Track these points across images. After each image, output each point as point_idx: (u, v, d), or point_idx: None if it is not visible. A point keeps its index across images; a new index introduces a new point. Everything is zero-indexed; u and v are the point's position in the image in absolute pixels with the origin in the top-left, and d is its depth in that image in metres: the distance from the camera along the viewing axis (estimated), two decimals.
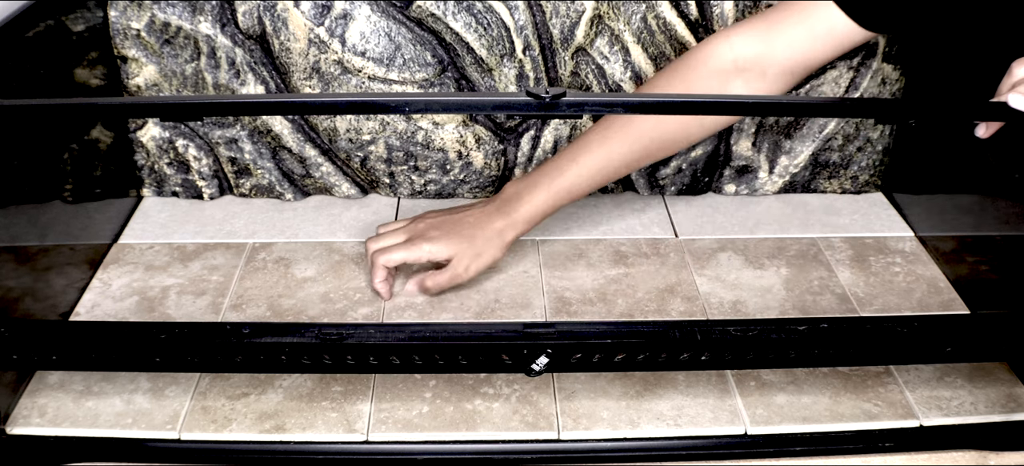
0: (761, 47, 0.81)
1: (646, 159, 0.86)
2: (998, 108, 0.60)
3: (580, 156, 0.84)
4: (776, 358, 0.69)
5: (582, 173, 0.84)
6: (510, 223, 0.83)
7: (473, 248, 0.82)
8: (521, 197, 0.84)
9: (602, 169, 0.84)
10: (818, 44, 0.79)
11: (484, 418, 0.71)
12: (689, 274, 0.90)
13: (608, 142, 0.83)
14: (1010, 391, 0.75)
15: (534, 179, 0.85)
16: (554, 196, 0.84)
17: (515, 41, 0.93)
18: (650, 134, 0.83)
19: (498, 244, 0.83)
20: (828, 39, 0.79)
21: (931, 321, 0.74)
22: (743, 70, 0.82)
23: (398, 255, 0.82)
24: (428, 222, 0.85)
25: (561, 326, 0.65)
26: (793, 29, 0.80)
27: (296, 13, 0.91)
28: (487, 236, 0.83)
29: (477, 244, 0.82)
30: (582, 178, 0.84)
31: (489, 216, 0.84)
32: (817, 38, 0.79)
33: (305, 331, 0.64)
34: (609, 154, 0.83)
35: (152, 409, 0.72)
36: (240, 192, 1.02)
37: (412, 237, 0.83)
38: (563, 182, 0.84)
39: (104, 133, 0.92)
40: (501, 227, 0.83)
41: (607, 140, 0.83)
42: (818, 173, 1.05)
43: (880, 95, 0.99)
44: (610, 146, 0.83)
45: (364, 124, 0.96)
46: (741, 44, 0.82)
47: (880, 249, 0.95)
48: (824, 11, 0.78)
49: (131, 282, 0.87)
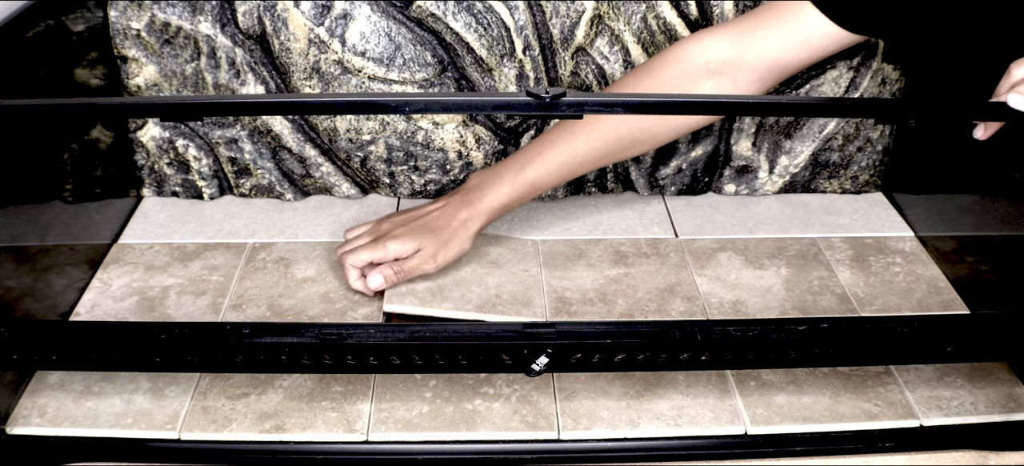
0: (733, 50, 0.81)
1: (611, 157, 0.86)
2: (998, 108, 0.60)
3: (545, 150, 0.85)
4: (776, 358, 0.69)
5: (546, 167, 0.84)
6: (474, 213, 0.84)
7: (438, 240, 0.83)
8: (484, 187, 0.85)
9: (566, 163, 0.84)
10: (793, 49, 0.79)
11: (484, 418, 0.71)
12: (689, 274, 0.90)
13: (573, 138, 0.84)
14: (1010, 391, 0.75)
15: (498, 170, 0.86)
16: (518, 188, 0.85)
17: (515, 41, 0.93)
18: (616, 132, 0.84)
19: (463, 235, 0.84)
20: (804, 44, 0.79)
21: (931, 321, 0.74)
22: (714, 73, 0.82)
23: (364, 255, 0.83)
24: (392, 221, 0.86)
25: (561, 326, 0.65)
26: (768, 33, 0.80)
27: (296, 13, 0.91)
28: (452, 228, 0.84)
29: (442, 236, 0.83)
30: (546, 172, 0.84)
31: (454, 208, 0.85)
32: (792, 43, 0.79)
33: (305, 331, 0.64)
34: (573, 150, 0.84)
35: (152, 409, 0.72)
36: (240, 192, 1.02)
37: (377, 237, 0.84)
38: (527, 175, 0.85)
39: (104, 133, 0.92)
40: (465, 217, 0.84)
41: (573, 136, 0.84)
42: (818, 173, 1.05)
43: (880, 95, 0.99)
44: (575, 142, 0.84)
45: (364, 124, 0.96)
46: (713, 47, 0.82)
47: (880, 249, 0.95)
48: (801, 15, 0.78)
49: (131, 282, 0.87)
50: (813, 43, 0.78)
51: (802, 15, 0.78)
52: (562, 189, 1.03)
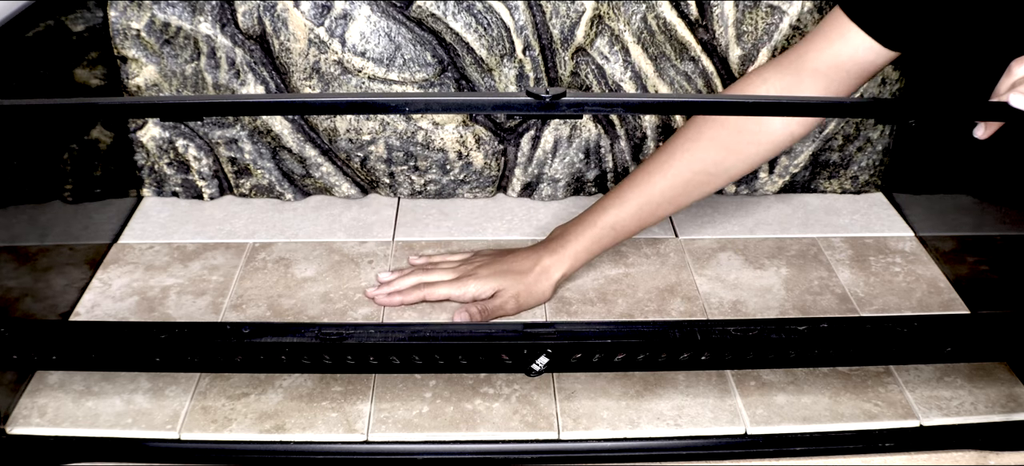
0: (791, 80, 0.82)
1: (688, 195, 0.85)
2: (998, 108, 0.60)
3: (623, 193, 0.85)
4: (776, 358, 0.69)
5: (625, 209, 0.84)
6: (556, 260, 0.84)
7: (520, 283, 0.83)
8: (567, 235, 0.85)
9: (645, 205, 0.84)
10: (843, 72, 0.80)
11: (484, 418, 0.71)
12: (689, 274, 0.90)
13: (650, 178, 0.84)
14: (1010, 391, 0.75)
15: (582, 217, 0.86)
16: (599, 231, 0.85)
17: (515, 41, 0.93)
18: (690, 168, 0.84)
19: (545, 282, 0.84)
20: (853, 67, 0.80)
21: (931, 321, 0.74)
22: None
23: (442, 291, 0.83)
24: (478, 261, 0.86)
25: (561, 326, 0.65)
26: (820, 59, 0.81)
27: (296, 13, 0.91)
28: (535, 273, 0.84)
29: (525, 280, 0.83)
30: (624, 213, 0.84)
31: (537, 254, 0.85)
32: (842, 67, 0.80)
33: (305, 331, 0.64)
34: (651, 191, 0.84)
35: (152, 409, 0.72)
36: (240, 192, 1.02)
37: (461, 276, 0.84)
38: (607, 218, 0.85)
39: (104, 133, 0.92)
40: (548, 264, 0.84)
41: (649, 177, 0.85)
42: (818, 173, 1.05)
43: (880, 95, 0.99)
44: (651, 182, 0.84)
45: (364, 124, 0.96)
46: (775, 81, 0.83)
47: (880, 249, 0.95)
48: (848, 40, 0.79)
49: (131, 282, 0.87)
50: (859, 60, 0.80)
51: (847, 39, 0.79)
52: (562, 189, 1.03)
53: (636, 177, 0.85)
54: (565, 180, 1.02)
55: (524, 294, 0.83)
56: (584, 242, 0.85)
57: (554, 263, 0.84)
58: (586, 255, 0.85)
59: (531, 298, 0.83)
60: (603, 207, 0.85)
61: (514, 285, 0.83)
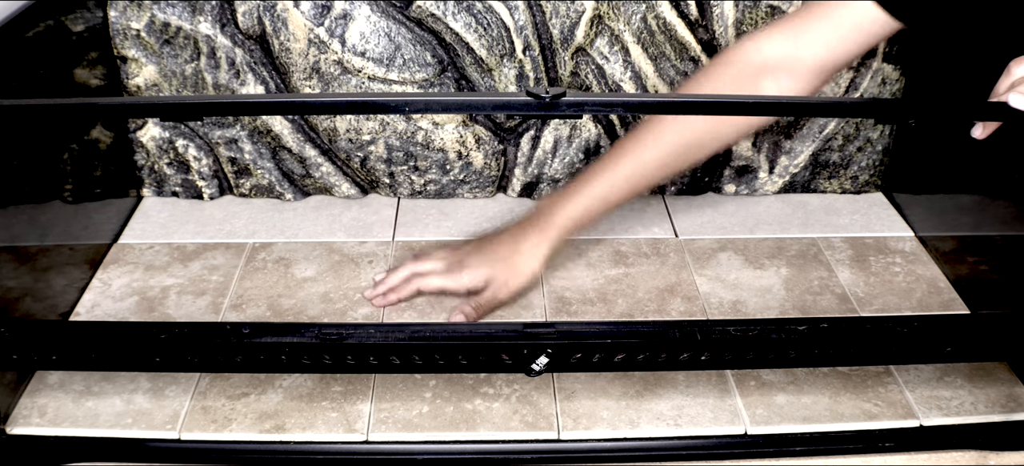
0: (789, 47, 0.81)
1: (679, 162, 0.84)
2: (998, 108, 0.60)
3: (611, 162, 0.84)
4: (776, 358, 0.69)
5: (614, 179, 0.83)
6: (544, 237, 0.83)
7: (509, 268, 0.82)
8: (553, 208, 0.84)
9: (634, 173, 0.83)
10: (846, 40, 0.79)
11: (484, 418, 0.71)
12: (689, 274, 0.90)
13: (639, 147, 0.83)
14: (1010, 391, 0.75)
15: (567, 189, 0.85)
16: (587, 202, 0.83)
17: (515, 41, 0.93)
18: (681, 136, 0.82)
19: (534, 258, 0.83)
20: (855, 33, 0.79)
21: (931, 321, 0.74)
22: (773, 70, 0.82)
23: (436, 281, 0.83)
24: (466, 249, 0.85)
25: (561, 326, 0.65)
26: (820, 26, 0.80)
27: (296, 13, 0.91)
28: (522, 253, 0.83)
29: (513, 262, 0.83)
30: (614, 184, 0.83)
31: (524, 232, 0.84)
32: (844, 34, 0.79)
33: (305, 331, 0.64)
34: (640, 157, 0.83)
35: (152, 409, 0.72)
36: (240, 192, 1.02)
37: (451, 265, 0.84)
38: (596, 189, 0.83)
39: (104, 133, 0.92)
40: (536, 241, 0.83)
41: (638, 145, 0.83)
42: (818, 173, 1.05)
43: (880, 95, 0.99)
44: (641, 150, 0.83)
45: (364, 124, 0.96)
46: (769, 46, 0.81)
47: (880, 249, 0.95)
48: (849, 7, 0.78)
49: (131, 282, 0.87)
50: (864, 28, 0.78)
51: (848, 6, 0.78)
52: None
53: (624, 146, 0.84)
54: (565, 180, 1.02)
55: (514, 279, 0.82)
56: (572, 215, 0.83)
57: (541, 240, 0.83)
58: (574, 228, 0.84)
59: (521, 281, 0.83)
60: (591, 177, 0.84)
61: (504, 271, 0.82)
